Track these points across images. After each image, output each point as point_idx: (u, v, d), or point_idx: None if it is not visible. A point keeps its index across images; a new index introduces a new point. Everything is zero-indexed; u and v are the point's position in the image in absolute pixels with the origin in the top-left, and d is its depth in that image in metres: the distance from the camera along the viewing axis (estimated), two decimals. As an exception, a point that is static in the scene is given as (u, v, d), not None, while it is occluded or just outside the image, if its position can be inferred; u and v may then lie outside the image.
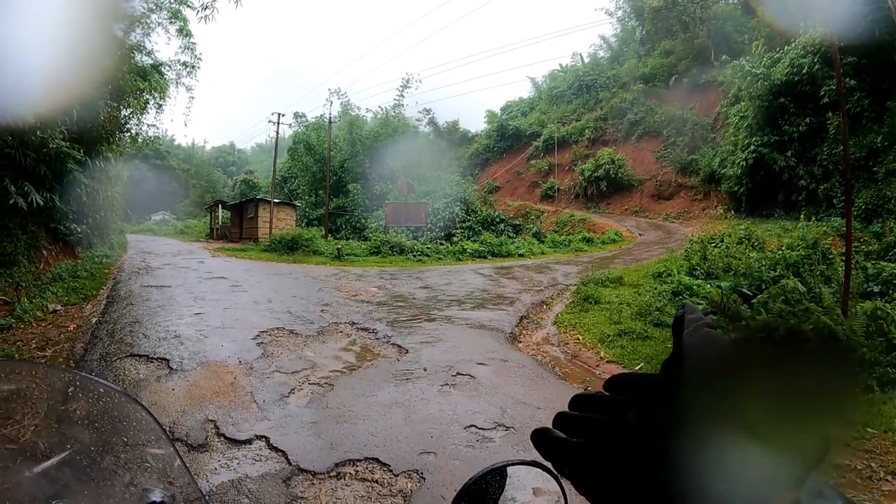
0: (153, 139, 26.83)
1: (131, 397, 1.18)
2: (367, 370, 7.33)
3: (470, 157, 65.52)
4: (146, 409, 1.15)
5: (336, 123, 44.81)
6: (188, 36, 20.27)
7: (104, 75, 15.29)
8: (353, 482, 4.31)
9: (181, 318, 9.97)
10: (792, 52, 28.74)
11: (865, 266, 12.39)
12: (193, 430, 5.11)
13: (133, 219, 53.78)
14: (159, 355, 7.52)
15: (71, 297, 11.85)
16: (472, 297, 13.42)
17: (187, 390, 6.23)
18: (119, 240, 28.63)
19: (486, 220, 39.53)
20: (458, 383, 6.75)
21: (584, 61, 66.13)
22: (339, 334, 9.26)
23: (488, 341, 9.17)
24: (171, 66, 21.04)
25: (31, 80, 10.54)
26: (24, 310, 9.85)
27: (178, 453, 1.14)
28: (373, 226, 38.29)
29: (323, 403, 5.94)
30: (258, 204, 39.51)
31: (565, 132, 55.15)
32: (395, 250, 26.39)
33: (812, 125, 28.11)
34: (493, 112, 72.63)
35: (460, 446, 4.97)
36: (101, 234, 22.27)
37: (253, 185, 72.97)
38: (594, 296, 12.41)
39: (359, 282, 16.03)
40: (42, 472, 1.16)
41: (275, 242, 27.97)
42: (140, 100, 19.59)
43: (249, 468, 4.47)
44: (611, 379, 0.59)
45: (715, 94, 43.01)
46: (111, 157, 19.30)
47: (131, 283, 14.35)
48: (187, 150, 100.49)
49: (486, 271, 19.24)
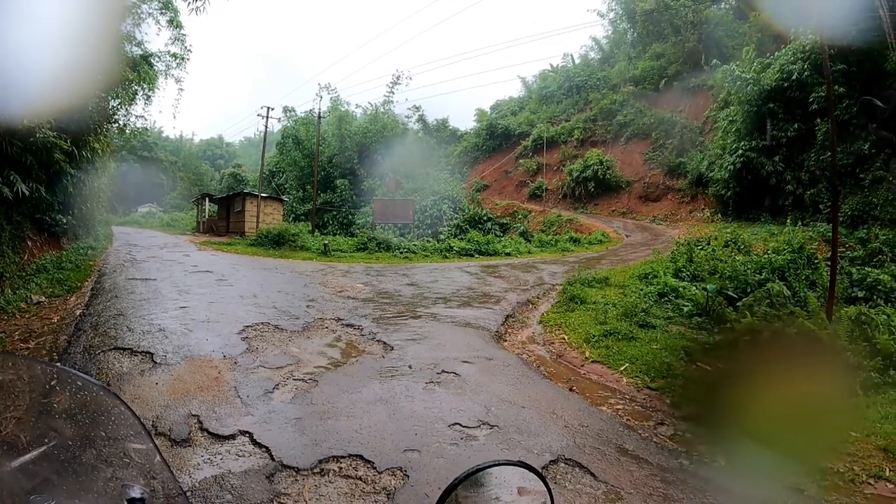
0: (141, 131, 26.75)
1: (112, 392, 1.17)
2: (352, 367, 7.32)
3: (459, 155, 65.49)
4: (126, 404, 1.14)
5: (325, 119, 44.79)
6: (179, 27, 20.21)
7: (93, 65, 15.17)
8: (336, 479, 4.31)
9: (166, 311, 9.91)
10: (782, 58, 28.87)
11: (850, 271, 12.54)
12: (177, 425, 5.09)
13: (119, 210, 53.49)
14: (143, 349, 7.48)
15: (55, 289, 11.76)
16: (459, 295, 13.43)
17: (171, 384, 6.19)
18: (105, 231, 28.44)
19: (473, 219, 39.60)
20: (443, 381, 6.75)
21: (574, 62, 66.15)
22: (324, 330, 9.24)
23: (474, 339, 9.18)
24: (161, 57, 20.98)
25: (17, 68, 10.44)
26: (7, 301, 9.77)
27: (158, 449, 1.13)
28: (360, 222, 38.35)
29: (307, 399, 5.93)
30: (245, 198, 39.38)
31: (554, 132, 55.15)
32: (381, 247, 26.38)
33: (800, 131, 28.27)
34: (482, 111, 72.72)
35: (445, 444, 4.97)
36: (87, 225, 22.11)
37: (240, 179, 72.73)
38: (580, 296, 12.42)
39: (345, 278, 15.99)
40: (20, 466, 1.15)
41: (261, 237, 27.85)
42: (129, 91, 19.44)
43: (233, 464, 4.45)
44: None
45: (704, 98, 43.19)
46: (98, 149, 19.15)
47: (116, 275, 14.26)
48: (175, 143, 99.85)
49: (473, 269, 19.24)
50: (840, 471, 4.78)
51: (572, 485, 4.43)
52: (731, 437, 5.11)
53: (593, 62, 64.00)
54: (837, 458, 4.98)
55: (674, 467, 4.87)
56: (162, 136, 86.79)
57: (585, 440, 5.28)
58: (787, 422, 5.21)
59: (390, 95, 50.82)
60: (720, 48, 43.31)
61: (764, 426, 5.04)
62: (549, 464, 4.69)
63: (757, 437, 4.99)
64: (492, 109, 72.29)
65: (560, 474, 4.59)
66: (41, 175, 12.88)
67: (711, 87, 40.91)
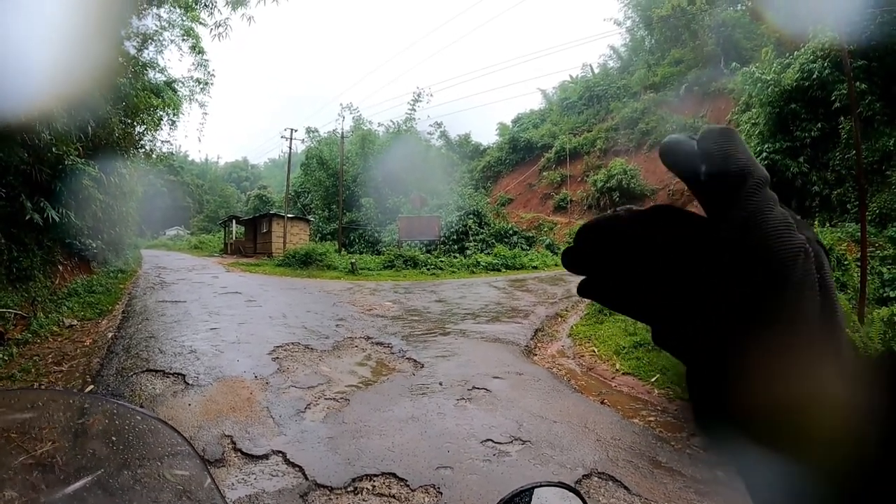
0: (167, 155, 27.10)
1: (163, 421, 1.19)
2: (383, 385, 7.32)
3: (482, 170, 65.62)
4: (175, 429, 1.15)
5: (348, 138, 45.09)
6: (201, 53, 20.51)
7: (117, 92, 15.47)
8: (370, 497, 4.30)
9: (196, 333, 10.01)
10: (801, 57, 28.52)
11: (881, 271, 12.31)
12: (210, 446, 5.12)
13: (147, 234, 54.30)
14: (175, 370, 7.55)
15: (86, 312, 11.93)
16: (487, 311, 13.41)
17: (203, 405, 6.24)
18: (134, 255, 28.87)
19: (499, 233, 39.54)
20: (473, 397, 6.73)
21: (594, 72, 66.01)
22: (354, 349, 9.26)
23: (503, 354, 9.15)
24: (185, 82, 21.31)
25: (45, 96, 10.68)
26: (40, 325, 9.92)
27: (210, 472, 1.14)
28: (386, 240, 38.41)
29: (339, 418, 5.94)
30: (272, 219, 39.72)
31: (577, 143, 55.00)
32: (408, 264, 26.46)
33: (824, 130, 27.88)
34: (504, 124, 72.69)
35: (477, 461, 4.95)
36: (116, 249, 22.45)
37: (266, 200, 73.51)
38: (609, 307, 12.34)
39: (373, 296, 16.05)
40: (69, 494, 1.17)
41: (289, 257, 28.09)
42: (154, 116, 19.80)
43: (266, 483, 4.47)
44: None
45: (725, 102, 42.85)
46: (125, 173, 19.47)
47: (146, 298, 14.44)
48: (201, 166, 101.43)
49: (501, 284, 19.23)
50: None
51: (606, 498, 4.38)
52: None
53: (612, 71, 63.77)
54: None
55: (708, 479, 4.79)
56: (188, 160, 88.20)
57: (618, 453, 5.23)
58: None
59: (412, 113, 51.02)
60: (739, 50, 43.08)
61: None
62: (582, 478, 4.65)
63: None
64: (513, 123, 72.17)
65: (594, 488, 4.54)
66: (70, 201, 13.14)
67: (732, 91, 40.55)
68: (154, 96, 18.58)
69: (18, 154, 10.91)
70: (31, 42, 10.36)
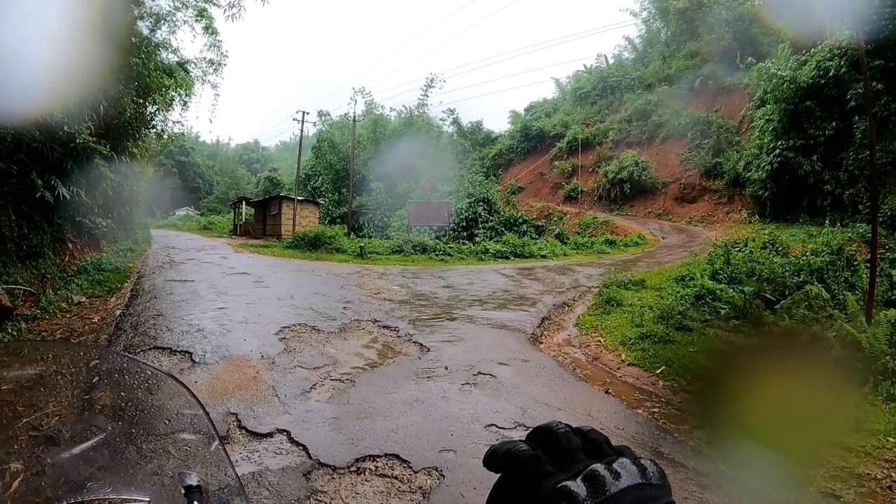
0: (178, 136, 27.19)
1: (175, 379, 1.19)
2: (389, 367, 7.35)
3: (493, 158, 65.57)
4: (192, 392, 1.16)
5: (360, 122, 45.04)
6: (214, 34, 20.45)
7: (130, 72, 15.49)
8: (372, 478, 4.32)
9: (204, 312, 10.06)
10: (818, 55, 28.30)
11: (891, 273, 12.24)
12: (216, 423, 5.13)
13: (157, 214, 54.58)
14: (182, 348, 7.61)
15: (95, 290, 12.01)
16: (494, 298, 13.40)
17: (210, 383, 6.29)
18: (143, 234, 29.02)
19: (508, 221, 39.49)
20: (479, 382, 6.74)
21: (608, 62, 65.69)
22: (360, 331, 9.29)
23: (510, 341, 9.15)
24: (197, 63, 21.25)
25: (58, 76, 10.71)
26: (49, 301, 10.01)
27: (219, 437, 1.15)
28: (395, 224, 38.45)
29: (344, 399, 5.97)
30: (282, 201, 39.79)
31: (589, 133, 54.85)
32: (417, 249, 26.44)
33: (838, 129, 27.72)
34: (516, 112, 72.58)
35: (480, 445, 4.96)
36: (126, 228, 22.58)
37: (277, 183, 73.65)
38: (616, 298, 12.33)
39: (381, 280, 16.07)
40: (78, 453, 1.18)
41: (298, 239, 28.11)
42: (166, 96, 19.80)
43: (270, 461, 4.50)
44: None
45: (740, 97, 42.61)
46: (137, 153, 19.53)
47: (155, 277, 14.52)
48: (212, 147, 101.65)
49: (509, 272, 19.21)
50: (878, 477, 4.66)
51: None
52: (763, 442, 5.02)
53: (627, 62, 63.45)
54: (875, 464, 4.87)
55: (710, 471, 4.79)
56: (199, 141, 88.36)
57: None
58: (820, 425, 5.11)
59: (424, 98, 51.00)
60: (755, 45, 42.72)
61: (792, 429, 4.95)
62: (585, 466, 4.66)
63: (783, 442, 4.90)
64: (526, 111, 72.04)
65: (596, 477, 4.54)
66: (81, 179, 13.18)
67: (747, 86, 40.31)
68: (166, 76, 18.57)
69: (30, 132, 10.95)
70: (45, 21, 10.39)
